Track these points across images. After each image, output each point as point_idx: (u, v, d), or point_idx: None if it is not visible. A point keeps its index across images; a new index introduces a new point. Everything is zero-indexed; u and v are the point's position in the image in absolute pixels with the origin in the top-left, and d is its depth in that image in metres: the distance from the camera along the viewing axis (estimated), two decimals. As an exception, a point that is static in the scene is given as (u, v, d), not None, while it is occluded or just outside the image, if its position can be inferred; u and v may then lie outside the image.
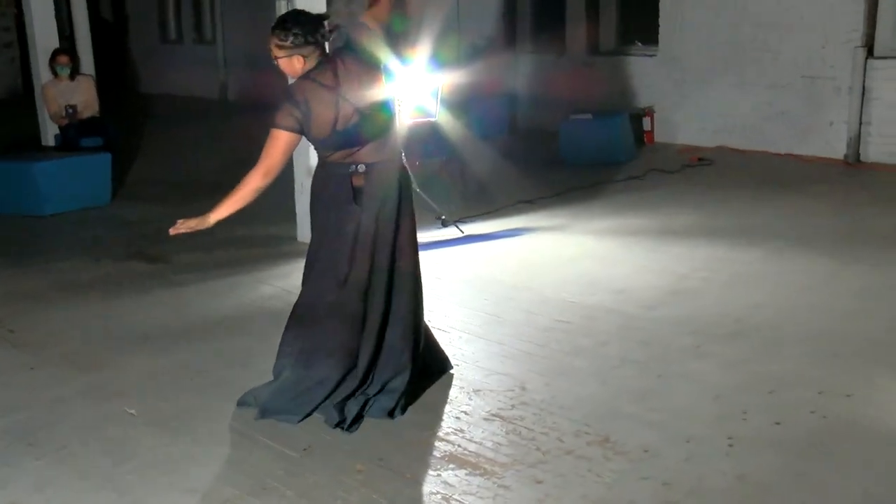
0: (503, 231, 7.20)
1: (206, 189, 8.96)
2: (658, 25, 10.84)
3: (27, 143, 10.03)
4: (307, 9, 4.32)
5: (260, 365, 4.55)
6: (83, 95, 9.38)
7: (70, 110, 9.17)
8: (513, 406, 4.15)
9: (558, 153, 9.88)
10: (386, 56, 6.66)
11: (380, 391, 4.05)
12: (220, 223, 4.05)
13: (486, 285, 5.91)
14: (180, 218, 3.98)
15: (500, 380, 4.43)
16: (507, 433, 3.90)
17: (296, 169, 7.05)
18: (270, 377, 4.19)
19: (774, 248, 6.41)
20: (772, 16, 9.74)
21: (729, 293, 5.60)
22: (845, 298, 5.43)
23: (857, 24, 9.20)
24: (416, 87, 6.91)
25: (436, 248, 6.78)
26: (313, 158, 6.86)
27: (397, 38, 7.32)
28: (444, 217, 7.25)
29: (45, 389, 4.45)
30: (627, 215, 7.53)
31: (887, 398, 4.10)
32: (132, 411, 4.18)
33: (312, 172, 4.19)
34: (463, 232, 7.13)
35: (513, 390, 4.32)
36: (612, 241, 6.83)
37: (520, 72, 12.24)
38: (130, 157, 10.64)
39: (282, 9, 6.72)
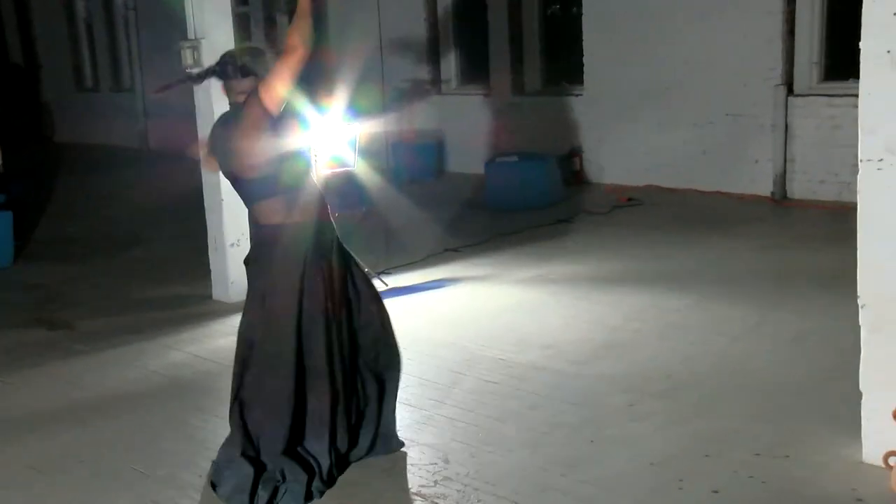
0: (428, 283, 6.93)
1: (118, 244, 8.66)
2: (583, 65, 10.74)
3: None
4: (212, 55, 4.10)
5: (159, 447, 4.19)
6: None
7: None
8: (435, 482, 3.85)
9: (485, 197, 9.67)
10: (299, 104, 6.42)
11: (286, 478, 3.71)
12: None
13: (409, 343, 5.57)
14: (84, 278, 3.60)
15: (422, 452, 4.13)
16: (428, 516, 3.60)
17: (209, 223, 6.72)
18: (170, 463, 3.85)
19: (704, 295, 6.23)
20: (695, 54, 9.70)
21: (661, 345, 5.39)
22: (776, 346, 5.26)
23: (776, 62, 9.19)
24: (332, 136, 6.64)
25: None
26: (226, 210, 6.58)
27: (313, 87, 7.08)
28: (366, 270, 6.94)
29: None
30: (556, 262, 7.31)
31: (823, 458, 3.89)
32: (12, 508, 3.79)
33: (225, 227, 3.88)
34: (387, 285, 6.83)
35: (435, 463, 4.02)
36: (541, 290, 6.60)
37: (445, 114, 12.05)
38: (38, 212, 10.16)
39: (186, 56, 6.42)
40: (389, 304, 6.32)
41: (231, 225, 6.59)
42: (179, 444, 4.07)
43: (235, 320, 5.87)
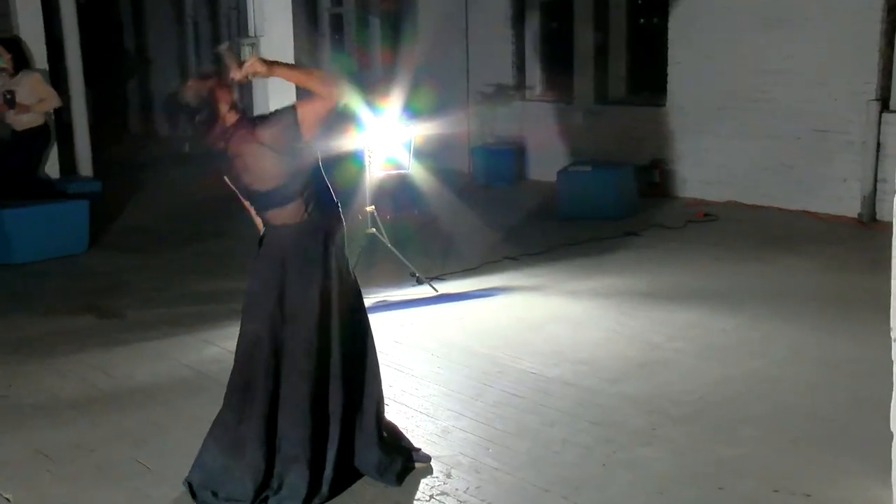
0: (478, 291, 6.81)
1: (189, 237, 8.80)
2: (667, 75, 10.45)
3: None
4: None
5: (168, 441, 4.21)
6: (26, 89, 8.89)
7: (8, 96, 8.78)
8: (430, 497, 3.74)
9: (556, 206, 9.49)
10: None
11: (278, 489, 3.64)
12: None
13: (445, 351, 5.52)
14: (148, 269, 3.57)
15: (427, 467, 4.01)
16: (412, 531, 3.50)
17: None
18: (173, 459, 3.84)
19: (756, 316, 5.95)
20: (782, 65, 9.31)
21: (699, 366, 5.15)
22: (819, 374, 4.97)
23: (871, 76, 8.73)
24: (388, 138, 6.60)
25: (404, 307, 6.42)
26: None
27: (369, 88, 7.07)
28: (417, 274, 6.89)
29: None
30: (612, 275, 7.10)
31: (848, 501, 3.63)
32: (8, 496, 3.82)
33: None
34: (436, 290, 6.75)
35: (436, 477, 3.91)
36: (589, 303, 6.41)
37: (528, 120, 11.90)
38: (123, 202, 10.43)
39: (245, 54, 6.47)
40: (435, 310, 6.35)
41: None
42: (188, 440, 4.06)
43: None
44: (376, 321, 6.02)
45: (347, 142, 6.66)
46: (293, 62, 6.46)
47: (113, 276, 7.46)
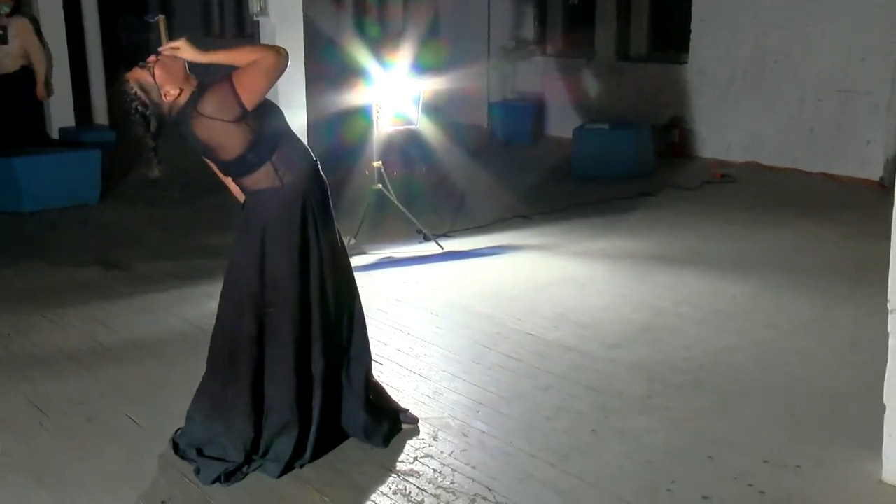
0: (485, 249, 6.75)
1: (202, 191, 8.76)
2: (690, 31, 10.23)
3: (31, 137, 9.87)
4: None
5: (160, 397, 4.20)
6: (13, 30, 9.07)
7: (0, 31, 8.93)
8: (414, 459, 3.71)
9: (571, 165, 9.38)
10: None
11: (265, 454, 3.62)
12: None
13: (445, 311, 5.47)
14: (158, 222, 3.49)
15: (413, 429, 3.98)
16: (392, 493, 3.47)
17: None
18: (164, 415, 3.83)
19: (768, 283, 5.85)
20: (808, 24, 9.09)
21: (703, 332, 5.07)
22: (826, 346, 4.86)
23: (899, 37, 8.51)
24: (397, 93, 6.51)
25: (408, 265, 6.38)
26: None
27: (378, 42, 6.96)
28: (423, 231, 6.83)
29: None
30: (623, 236, 7.01)
31: (838, 473, 3.57)
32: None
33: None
34: (442, 248, 6.69)
35: (422, 440, 3.88)
36: (597, 265, 6.33)
37: (547, 76, 11.73)
38: (136, 154, 10.39)
39: (253, 3, 6.37)
40: (440, 268, 6.29)
41: (290, 178, 6.55)
42: (181, 396, 4.03)
43: None
44: (379, 278, 6.05)
45: (355, 97, 6.58)
46: (300, 11, 6.38)
47: (122, 228, 7.46)
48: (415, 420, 4.01)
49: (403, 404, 4.14)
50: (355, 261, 6.37)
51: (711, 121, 10.04)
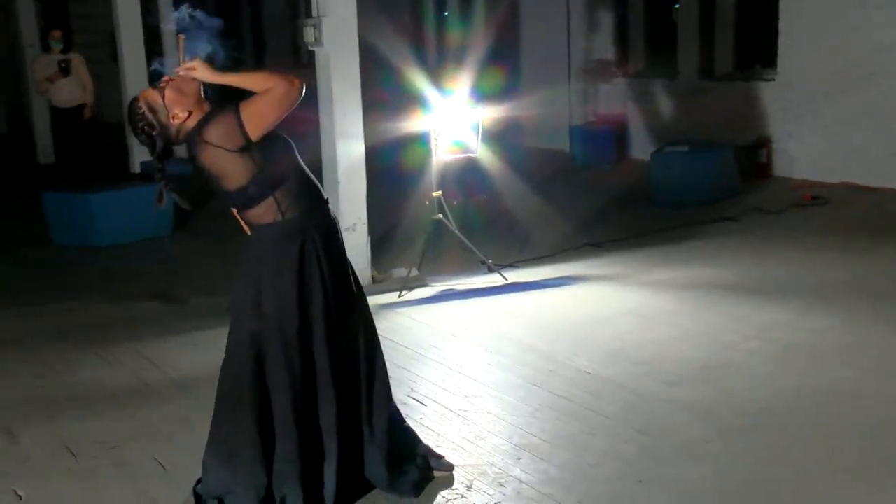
0: (550, 280, 6.48)
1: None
2: (777, 48, 9.78)
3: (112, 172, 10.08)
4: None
5: (190, 439, 4.07)
6: (73, 64, 9.60)
7: (63, 64, 9.43)
8: (443, 512, 3.49)
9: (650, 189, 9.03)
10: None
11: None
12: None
13: (500, 346, 5.23)
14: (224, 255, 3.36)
15: (448, 476, 3.75)
16: (413, 550, 3.24)
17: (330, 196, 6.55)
18: (190, 459, 3.70)
19: (854, 316, 5.41)
20: (902, 37, 8.57)
21: (773, 371, 4.69)
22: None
23: None
24: (455, 120, 6.32)
25: (469, 297, 6.16)
26: (343, 192, 6.36)
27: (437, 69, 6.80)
28: (488, 262, 6.60)
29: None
30: (698, 265, 6.65)
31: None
32: (21, 493, 3.76)
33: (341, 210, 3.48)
34: (506, 279, 6.45)
35: (455, 489, 3.64)
36: (666, 296, 5.99)
37: (629, 97, 11.40)
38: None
39: (308, 34, 6.28)
40: (500, 300, 6.05)
41: (348, 208, 6.42)
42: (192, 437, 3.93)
43: None
44: (437, 312, 5.84)
45: (414, 124, 6.42)
46: (355, 41, 6.25)
47: (187, 262, 7.46)
48: (450, 468, 3.78)
49: (443, 449, 3.92)
50: (416, 294, 6.24)
51: (801, 139, 9.55)
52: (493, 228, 7.75)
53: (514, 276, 6.56)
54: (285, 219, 3.31)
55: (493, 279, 6.47)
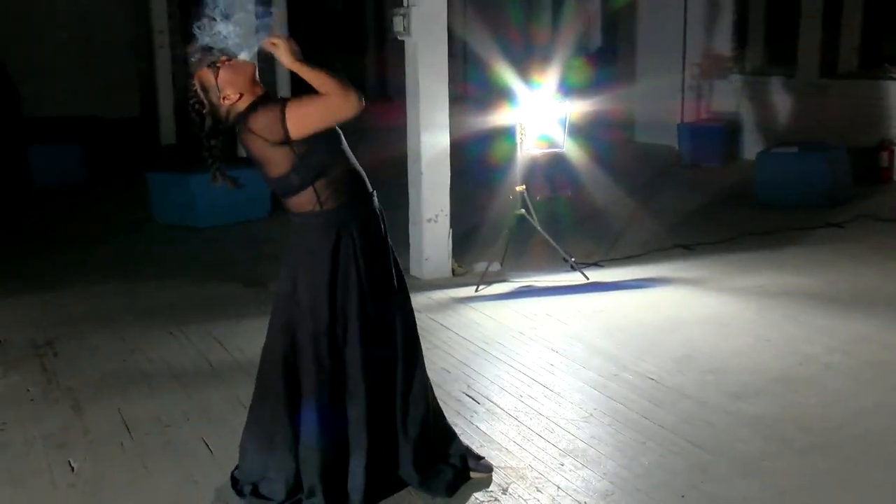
0: (633, 281, 6.30)
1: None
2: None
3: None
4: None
5: (230, 425, 4.12)
6: None
7: None
8: (473, 514, 3.42)
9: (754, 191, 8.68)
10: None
11: (310, 495, 3.41)
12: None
13: (567, 347, 5.11)
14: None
15: (486, 478, 3.67)
16: (433, 552, 3.19)
17: (410, 196, 6.54)
18: (228, 442, 3.75)
19: (948, 332, 5.08)
20: None
21: (851, 388, 4.43)
22: None
23: None
24: (542, 114, 6.21)
25: (546, 295, 6.05)
26: (426, 183, 6.32)
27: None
28: (571, 259, 6.47)
29: (29, 423, 4.28)
30: (790, 271, 6.35)
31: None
32: (75, 464, 3.87)
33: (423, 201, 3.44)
34: (587, 278, 6.31)
35: (490, 492, 3.56)
36: (750, 302, 5.74)
37: (745, 95, 10.99)
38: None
39: (397, 24, 6.27)
40: (578, 300, 5.92)
41: (430, 199, 6.41)
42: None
43: (420, 299, 5.74)
44: (511, 309, 5.76)
45: (500, 117, 6.34)
46: (443, 32, 6.21)
47: (278, 244, 7.50)
48: (488, 469, 3.70)
49: (487, 450, 3.86)
50: (493, 289, 6.17)
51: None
52: (583, 226, 7.60)
53: (596, 275, 6.42)
54: (323, 209, 3.29)
55: (575, 277, 6.34)
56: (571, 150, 6.56)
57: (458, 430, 3.81)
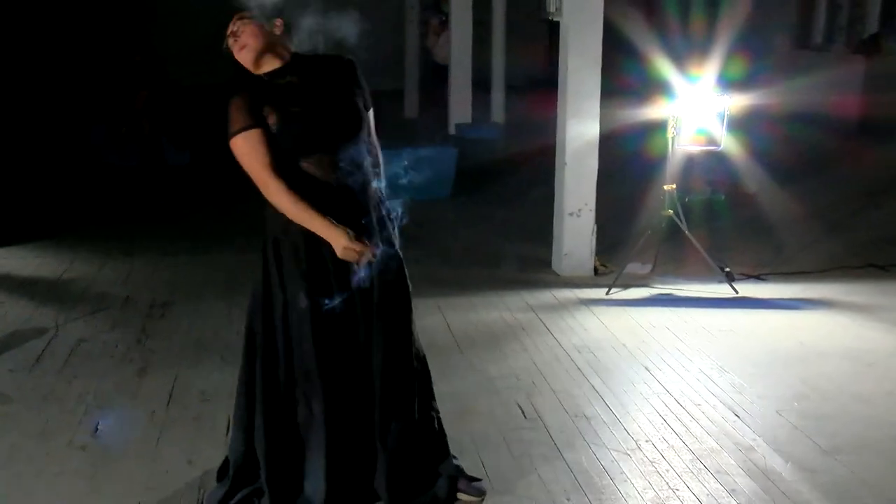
0: (789, 300, 5.53)
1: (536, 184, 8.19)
2: None
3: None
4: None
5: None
6: None
7: (444, 17, 10.55)
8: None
9: None
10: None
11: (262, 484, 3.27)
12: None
13: (664, 367, 4.55)
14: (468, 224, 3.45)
15: (476, 502, 3.31)
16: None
17: (556, 188, 6.11)
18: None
19: None
20: None
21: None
22: None
23: None
24: (700, 108, 5.60)
25: (682, 306, 5.49)
26: (568, 175, 5.87)
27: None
28: (728, 269, 5.80)
29: (91, 379, 4.41)
30: None
31: None
32: (100, 428, 3.93)
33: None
34: (736, 292, 5.63)
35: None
36: (913, 340, 4.85)
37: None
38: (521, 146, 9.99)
39: (549, 4, 5.87)
40: (714, 315, 5.25)
41: (574, 192, 5.98)
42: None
43: (543, 296, 5.41)
44: (632, 317, 5.25)
45: (654, 111, 5.78)
46: (599, 13, 5.73)
47: (436, 226, 7.29)
48: (480, 493, 3.35)
49: (495, 471, 3.50)
50: (628, 293, 5.67)
51: None
52: (754, 231, 6.80)
53: (752, 289, 5.70)
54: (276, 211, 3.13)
55: (723, 290, 5.67)
56: (730, 146, 5.84)
57: (486, 443, 3.59)
